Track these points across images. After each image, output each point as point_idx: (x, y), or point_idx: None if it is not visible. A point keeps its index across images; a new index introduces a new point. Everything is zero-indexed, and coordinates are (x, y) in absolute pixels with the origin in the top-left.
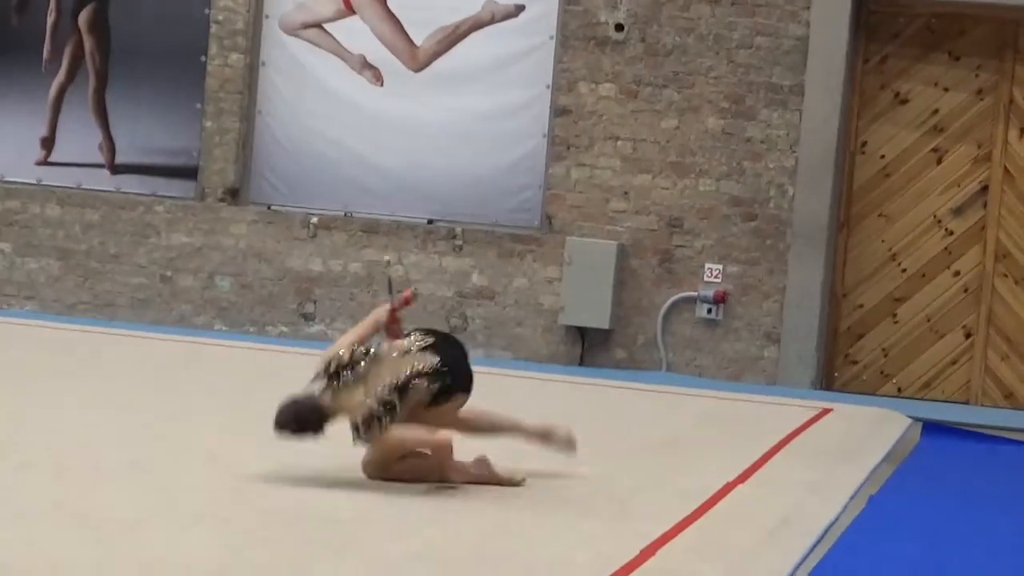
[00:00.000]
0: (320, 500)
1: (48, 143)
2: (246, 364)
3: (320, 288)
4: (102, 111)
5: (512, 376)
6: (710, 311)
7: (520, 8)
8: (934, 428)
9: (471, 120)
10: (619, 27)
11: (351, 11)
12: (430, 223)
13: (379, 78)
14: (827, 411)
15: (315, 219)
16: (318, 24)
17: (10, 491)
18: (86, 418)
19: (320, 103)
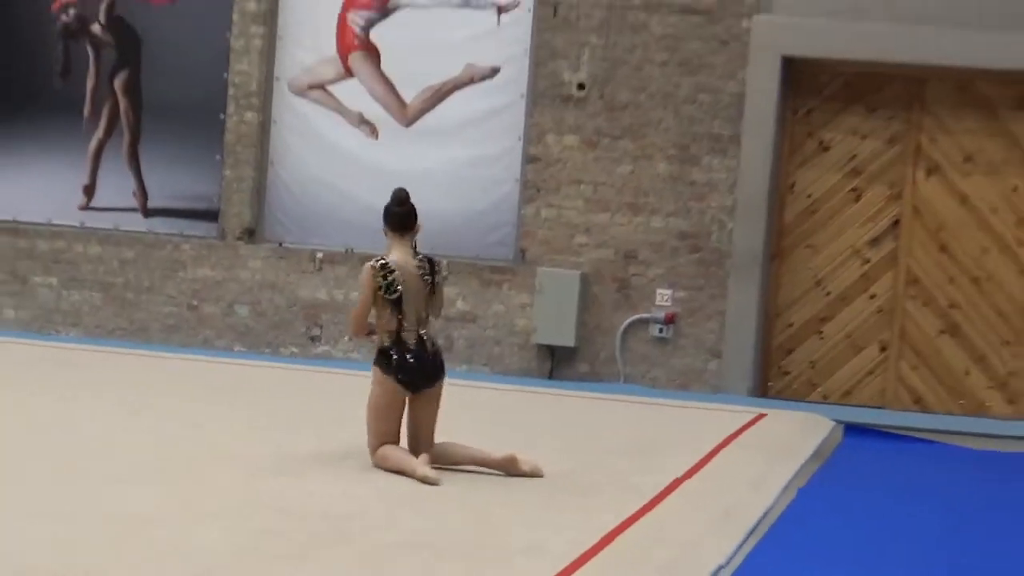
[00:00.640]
0: (320, 497)
1: (89, 191)
2: (261, 380)
3: (326, 314)
4: (135, 162)
5: (492, 388)
6: (661, 330)
7: (495, 70)
8: (854, 429)
9: (454, 168)
10: (581, 86)
11: (350, 74)
12: None
13: (374, 132)
14: (762, 416)
15: (320, 254)
16: (321, 86)
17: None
18: (121, 426)
19: (324, 154)
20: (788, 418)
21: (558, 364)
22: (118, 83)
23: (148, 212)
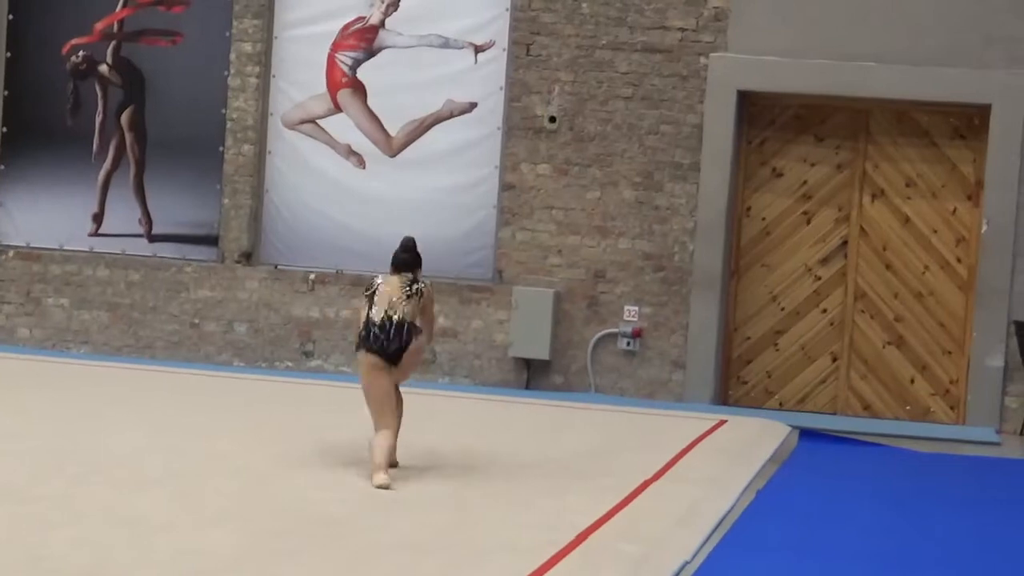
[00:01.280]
0: (318, 501)
1: (98, 218)
2: (259, 392)
3: (318, 331)
4: (141, 192)
5: (472, 398)
6: (629, 344)
7: (473, 105)
8: (809, 434)
9: (436, 195)
10: (552, 119)
11: (339, 109)
12: None
13: (362, 162)
14: (723, 422)
15: (313, 276)
16: (312, 120)
17: (68, 498)
18: (130, 436)
19: (315, 183)
20: (747, 424)
21: (534, 375)
22: (124, 119)
23: (153, 237)
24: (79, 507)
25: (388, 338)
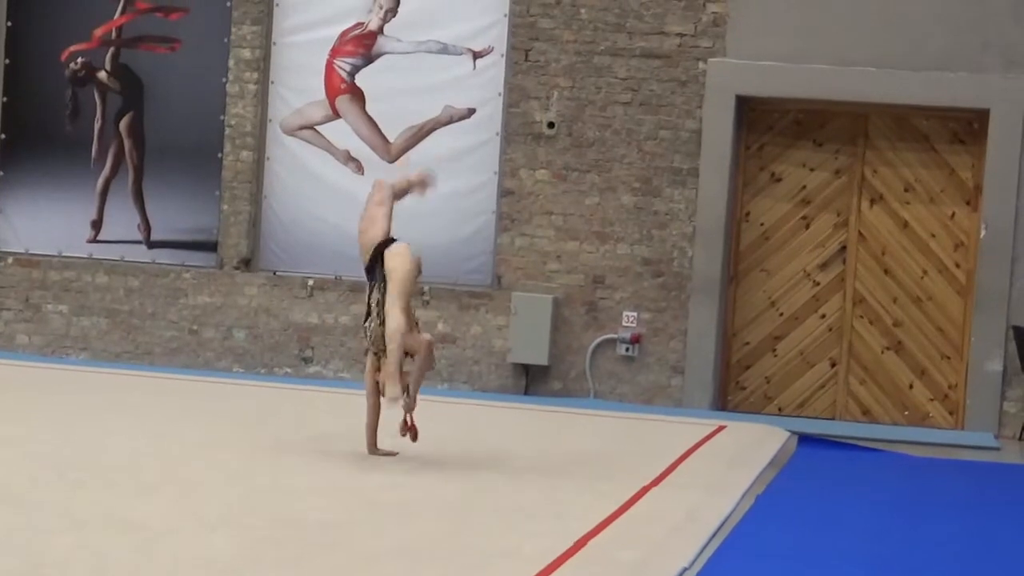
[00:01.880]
0: (316, 508)
1: (97, 224)
2: (258, 399)
3: (317, 337)
4: (140, 198)
5: (471, 404)
6: (627, 349)
7: (472, 111)
8: (808, 440)
9: (435, 201)
10: (551, 125)
11: (337, 115)
12: None
13: (360, 168)
14: (722, 427)
15: (311, 282)
16: (311, 126)
17: (68, 504)
18: (130, 443)
19: (314, 189)
20: (746, 429)
21: (533, 381)
22: (123, 125)
23: (151, 244)
24: (79, 514)
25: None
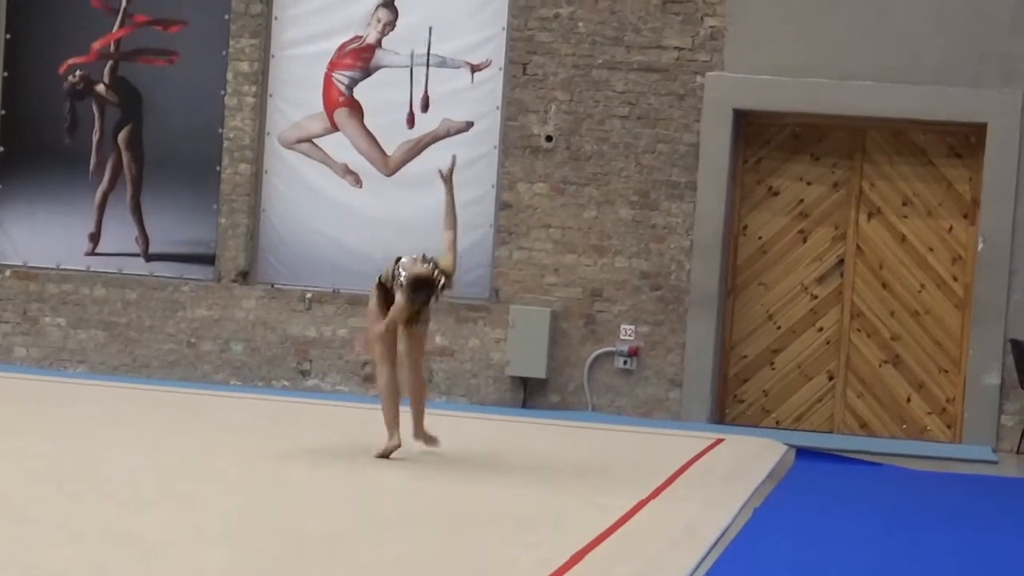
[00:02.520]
0: (315, 520)
1: (95, 237)
2: (256, 411)
3: (314, 350)
4: (138, 211)
5: (469, 417)
6: (625, 362)
7: (470, 124)
8: (805, 453)
9: (433, 215)
10: (549, 138)
11: (335, 129)
12: None
13: (358, 182)
14: (720, 441)
15: (310, 295)
16: (309, 139)
17: (67, 516)
18: (128, 456)
19: (312, 202)
20: (744, 443)
21: (531, 394)
22: (121, 138)
23: (149, 257)
24: (77, 526)
25: None
